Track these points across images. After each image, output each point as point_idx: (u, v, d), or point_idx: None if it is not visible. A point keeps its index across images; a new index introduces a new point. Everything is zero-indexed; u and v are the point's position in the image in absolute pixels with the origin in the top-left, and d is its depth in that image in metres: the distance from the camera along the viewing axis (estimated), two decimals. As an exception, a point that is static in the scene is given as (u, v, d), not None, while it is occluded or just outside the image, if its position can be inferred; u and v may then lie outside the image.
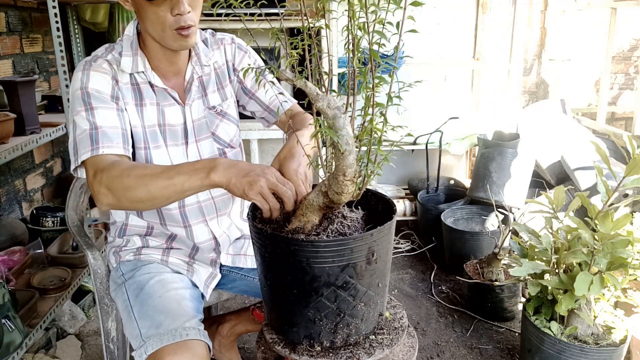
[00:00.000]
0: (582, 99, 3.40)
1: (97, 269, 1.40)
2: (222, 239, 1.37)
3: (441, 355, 1.91)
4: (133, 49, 1.21)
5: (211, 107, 1.32)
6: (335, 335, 0.93)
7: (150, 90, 1.24)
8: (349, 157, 0.81)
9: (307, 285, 0.88)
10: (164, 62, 1.24)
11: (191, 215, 1.32)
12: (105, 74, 1.18)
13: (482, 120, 2.99)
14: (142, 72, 1.22)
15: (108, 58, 1.21)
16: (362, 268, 0.89)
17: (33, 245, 2.05)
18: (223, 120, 1.34)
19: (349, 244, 0.86)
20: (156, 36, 1.15)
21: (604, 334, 1.58)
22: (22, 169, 2.34)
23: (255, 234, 0.93)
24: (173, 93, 1.25)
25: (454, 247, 2.47)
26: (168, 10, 1.10)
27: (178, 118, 1.27)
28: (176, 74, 1.27)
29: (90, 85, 1.16)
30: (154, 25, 1.13)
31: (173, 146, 1.28)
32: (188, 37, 1.14)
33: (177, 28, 1.12)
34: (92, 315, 2.13)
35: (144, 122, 1.23)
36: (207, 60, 1.30)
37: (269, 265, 0.93)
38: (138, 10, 1.13)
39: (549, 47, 3.22)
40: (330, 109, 0.79)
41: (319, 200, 0.92)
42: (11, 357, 1.50)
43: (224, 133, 1.34)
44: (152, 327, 1.15)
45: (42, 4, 2.36)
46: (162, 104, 1.26)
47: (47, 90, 2.55)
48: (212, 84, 1.33)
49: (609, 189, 1.49)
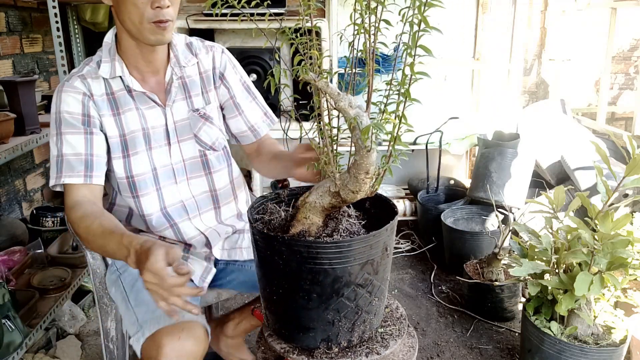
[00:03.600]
0: (582, 99, 3.41)
1: (96, 268, 1.40)
2: (209, 233, 1.37)
3: (441, 355, 1.91)
4: (111, 55, 1.23)
5: (195, 110, 1.33)
6: (352, 334, 0.94)
7: (128, 96, 1.25)
8: (372, 154, 0.82)
9: (328, 287, 0.87)
10: (141, 62, 1.24)
11: (174, 214, 1.33)
12: (77, 93, 1.21)
13: (482, 120, 2.98)
14: (119, 77, 1.24)
15: (83, 72, 1.23)
16: (377, 264, 0.90)
17: (33, 245, 2.05)
18: (206, 123, 1.35)
19: (369, 241, 0.87)
20: (133, 29, 1.16)
21: (604, 334, 1.58)
22: (22, 169, 2.34)
23: (266, 243, 0.91)
24: (152, 96, 1.26)
25: (454, 247, 2.47)
26: (148, 2, 1.12)
27: (159, 120, 1.29)
28: (155, 74, 1.28)
29: (62, 108, 1.20)
30: (132, 18, 1.14)
31: (156, 148, 1.29)
32: (165, 30, 1.16)
33: (156, 21, 1.13)
34: (92, 315, 2.13)
35: (123, 130, 1.25)
36: (186, 62, 1.31)
37: (283, 273, 0.91)
38: (117, 3, 1.15)
39: (549, 47, 3.22)
40: (352, 108, 0.80)
41: (323, 201, 0.91)
42: (11, 357, 1.50)
43: (206, 136, 1.35)
44: (149, 312, 1.15)
45: (42, 4, 2.36)
46: (142, 107, 1.27)
47: (47, 90, 2.55)
48: (196, 87, 1.34)
49: (609, 189, 1.49)
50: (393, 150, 0.85)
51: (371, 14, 0.77)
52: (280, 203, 1.06)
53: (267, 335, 1.02)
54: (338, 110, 0.81)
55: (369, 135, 0.77)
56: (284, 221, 0.99)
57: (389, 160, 0.87)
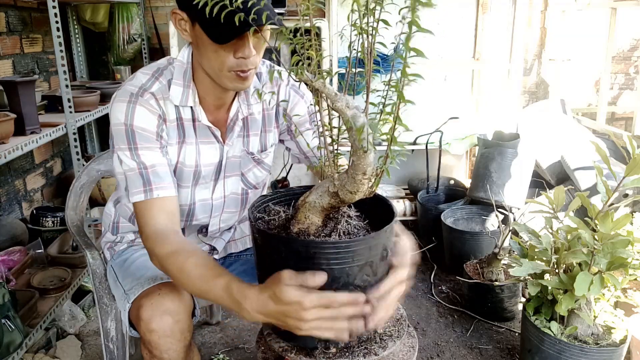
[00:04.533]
0: (582, 99, 3.40)
1: (96, 268, 1.40)
2: (216, 243, 1.38)
3: (441, 355, 1.91)
4: (186, 80, 1.13)
5: (249, 152, 1.26)
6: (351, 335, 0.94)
7: (192, 127, 1.17)
8: (370, 155, 0.81)
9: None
10: (211, 97, 1.16)
11: (188, 232, 1.33)
12: (153, 113, 1.10)
13: (482, 120, 2.99)
14: (189, 107, 1.15)
15: (154, 90, 1.11)
16: (376, 265, 0.89)
17: (33, 245, 2.05)
18: (257, 166, 1.30)
19: (369, 242, 0.86)
20: (212, 74, 1.08)
21: (604, 334, 1.58)
22: (22, 169, 2.34)
23: (265, 239, 0.91)
24: (216, 132, 1.18)
25: (454, 247, 2.47)
26: (231, 51, 1.02)
27: (215, 157, 1.21)
28: (219, 108, 1.19)
29: (136, 123, 1.08)
30: (212, 64, 1.05)
31: (202, 184, 1.23)
32: (246, 79, 1.07)
33: (237, 70, 1.05)
34: (92, 315, 2.13)
35: (179, 161, 1.18)
36: (255, 100, 1.22)
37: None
38: (198, 44, 1.05)
39: (549, 47, 3.21)
40: (349, 109, 0.79)
41: (322, 202, 0.91)
42: (11, 357, 1.51)
43: (253, 177, 1.30)
44: (134, 279, 1.15)
45: (42, 4, 2.37)
46: (201, 141, 1.19)
47: (47, 90, 2.55)
48: (256, 127, 1.25)
49: (609, 189, 1.49)
50: (390, 152, 0.85)
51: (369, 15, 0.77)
52: (281, 203, 1.06)
53: (266, 334, 1.02)
54: (335, 110, 0.81)
55: (365, 136, 0.77)
56: (285, 221, 0.99)
57: (386, 162, 0.87)
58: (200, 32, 1.01)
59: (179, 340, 1.06)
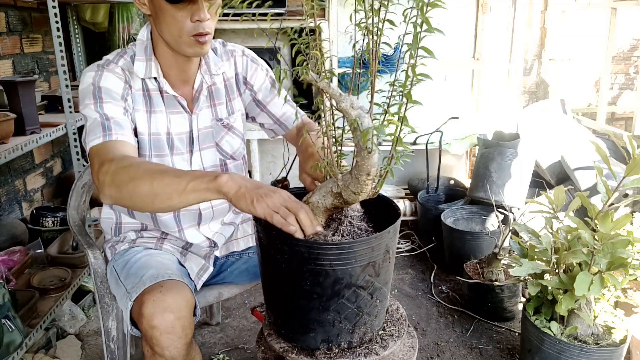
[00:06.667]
0: (582, 99, 3.41)
1: (97, 268, 1.40)
2: (216, 237, 1.38)
3: (441, 355, 1.92)
4: (147, 54, 1.21)
5: (218, 119, 1.33)
6: (353, 336, 0.94)
7: (160, 97, 1.24)
8: (374, 156, 0.81)
9: (328, 289, 0.87)
10: (174, 70, 1.24)
11: (185, 219, 1.33)
12: (119, 77, 1.19)
13: (482, 120, 2.99)
14: (153, 79, 1.23)
15: (120, 63, 1.21)
16: (379, 266, 0.90)
17: (33, 245, 2.05)
18: (229, 133, 1.35)
19: (371, 243, 0.86)
20: (171, 41, 1.16)
21: (604, 334, 1.58)
22: (22, 169, 2.34)
23: (269, 242, 0.91)
24: (182, 101, 1.26)
25: (454, 247, 2.47)
26: (188, 16, 1.11)
27: (184, 126, 1.28)
28: (185, 82, 1.27)
29: (102, 83, 1.16)
30: (171, 30, 1.13)
31: (178, 154, 1.28)
32: (204, 44, 1.15)
33: (195, 34, 1.12)
34: (92, 315, 2.13)
35: (151, 129, 1.24)
36: (216, 70, 1.30)
37: (284, 273, 0.91)
38: (156, 13, 1.13)
39: (549, 47, 3.22)
40: (353, 109, 0.79)
41: (326, 202, 0.91)
42: (11, 357, 1.50)
43: (227, 145, 1.35)
44: (136, 278, 1.16)
45: (42, 4, 2.36)
46: (170, 111, 1.26)
47: (47, 90, 2.54)
48: (220, 96, 1.33)
49: (609, 189, 1.49)
50: (395, 152, 0.85)
51: (374, 15, 0.77)
52: None
53: (266, 334, 1.02)
54: (340, 111, 0.81)
55: (370, 137, 0.77)
56: None
57: (391, 162, 0.86)
58: (158, 0, 1.10)
59: (180, 337, 1.06)
